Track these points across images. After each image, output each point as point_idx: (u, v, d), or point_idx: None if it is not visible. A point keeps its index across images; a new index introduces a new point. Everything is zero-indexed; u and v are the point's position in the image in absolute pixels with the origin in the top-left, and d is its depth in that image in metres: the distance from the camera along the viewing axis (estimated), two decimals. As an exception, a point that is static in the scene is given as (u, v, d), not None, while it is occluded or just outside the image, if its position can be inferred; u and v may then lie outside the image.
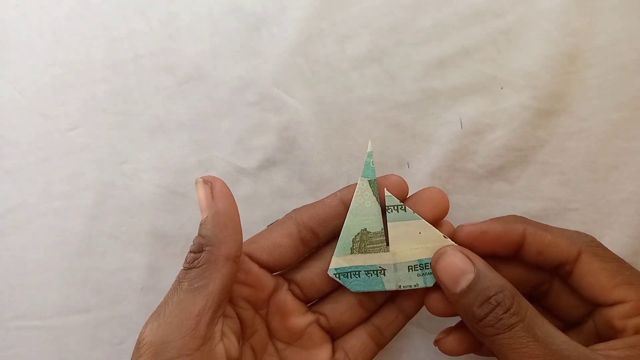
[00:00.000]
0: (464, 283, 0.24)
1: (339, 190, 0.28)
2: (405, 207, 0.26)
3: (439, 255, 0.25)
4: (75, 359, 0.33)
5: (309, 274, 0.28)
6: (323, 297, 0.29)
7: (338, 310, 0.28)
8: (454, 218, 0.32)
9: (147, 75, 0.33)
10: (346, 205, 0.27)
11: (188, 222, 0.33)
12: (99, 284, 0.33)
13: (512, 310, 0.22)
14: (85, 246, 0.33)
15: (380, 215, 0.27)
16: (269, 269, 0.27)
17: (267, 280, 0.27)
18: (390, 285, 0.27)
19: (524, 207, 0.32)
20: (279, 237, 0.27)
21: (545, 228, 0.25)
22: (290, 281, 0.28)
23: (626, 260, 0.31)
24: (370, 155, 0.27)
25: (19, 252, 0.33)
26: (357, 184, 0.27)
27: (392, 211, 0.26)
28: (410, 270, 0.27)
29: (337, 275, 0.27)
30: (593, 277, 0.23)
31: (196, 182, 0.25)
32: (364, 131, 0.32)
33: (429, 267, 0.26)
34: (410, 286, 0.27)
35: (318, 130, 0.32)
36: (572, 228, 0.31)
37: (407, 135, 0.32)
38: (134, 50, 0.33)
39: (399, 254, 0.27)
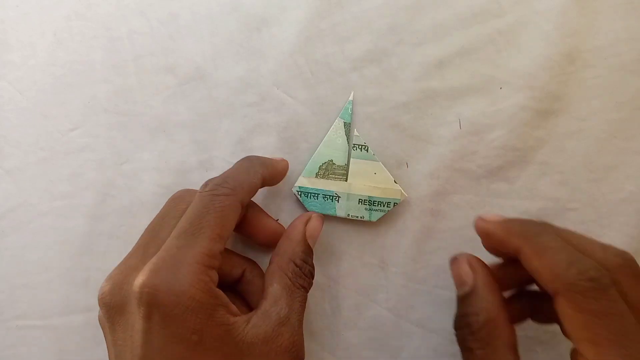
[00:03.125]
0: (460, 292, 0.26)
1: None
2: (368, 148, 0.31)
3: (457, 256, 0.27)
4: (75, 359, 0.33)
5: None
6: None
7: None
8: (454, 218, 0.32)
9: (147, 75, 0.33)
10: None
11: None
12: (100, 284, 0.33)
13: (477, 335, 0.24)
14: (86, 246, 0.33)
15: (347, 153, 0.31)
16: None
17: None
18: (341, 212, 0.31)
19: (524, 207, 0.32)
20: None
21: (539, 251, 0.23)
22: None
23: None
24: (350, 102, 0.31)
25: (19, 252, 0.33)
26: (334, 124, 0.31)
27: (356, 149, 0.31)
28: (360, 203, 0.31)
29: (299, 194, 0.31)
30: (564, 319, 0.22)
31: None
32: (364, 131, 0.32)
33: (377, 204, 0.31)
34: (357, 217, 0.31)
35: (318, 130, 0.33)
36: (572, 228, 0.31)
37: (406, 135, 0.32)
38: (134, 50, 0.33)
39: (354, 186, 0.31)
